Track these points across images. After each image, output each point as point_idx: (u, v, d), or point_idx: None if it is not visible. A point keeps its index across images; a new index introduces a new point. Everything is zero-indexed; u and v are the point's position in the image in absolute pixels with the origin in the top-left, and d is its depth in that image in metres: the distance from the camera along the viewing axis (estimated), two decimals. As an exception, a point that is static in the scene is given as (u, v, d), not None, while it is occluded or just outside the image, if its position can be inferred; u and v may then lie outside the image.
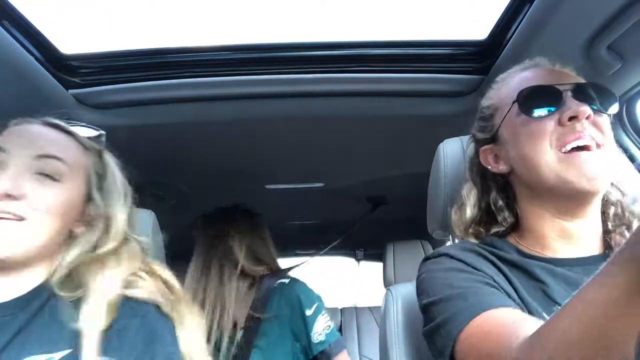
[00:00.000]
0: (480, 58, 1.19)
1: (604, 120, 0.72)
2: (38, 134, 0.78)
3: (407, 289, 0.96)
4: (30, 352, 0.68)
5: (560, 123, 0.70)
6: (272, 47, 1.20)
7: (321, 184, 1.88)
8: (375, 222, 2.31)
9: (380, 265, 2.44)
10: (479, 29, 1.16)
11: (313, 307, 1.49)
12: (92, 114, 1.23)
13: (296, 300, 1.49)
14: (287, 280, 1.56)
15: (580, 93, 0.72)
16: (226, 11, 1.26)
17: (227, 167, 1.68)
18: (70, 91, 1.18)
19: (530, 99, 0.74)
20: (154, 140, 1.41)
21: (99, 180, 0.85)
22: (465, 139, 0.97)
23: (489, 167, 0.81)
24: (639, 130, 1.16)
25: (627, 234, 0.72)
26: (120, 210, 0.87)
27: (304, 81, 1.19)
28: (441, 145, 0.99)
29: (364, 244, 2.95)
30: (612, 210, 0.76)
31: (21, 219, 0.70)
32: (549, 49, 0.97)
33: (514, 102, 0.75)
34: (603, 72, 0.99)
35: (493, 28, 1.11)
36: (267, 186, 1.88)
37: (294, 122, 1.34)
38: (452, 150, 0.96)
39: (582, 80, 0.76)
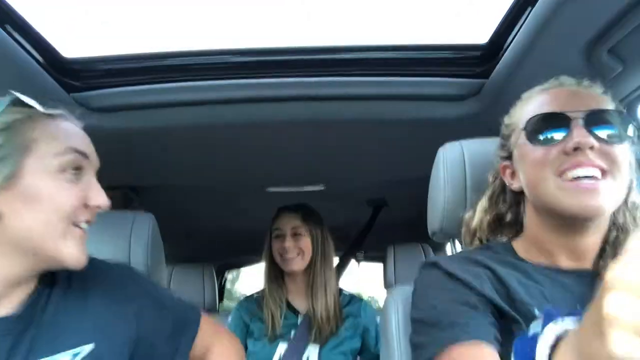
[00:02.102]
0: (481, 62, 1.19)
1: (615, 150, 0.71)
2: (87, 138, 0.77)
3: (407, 291, 0.96)
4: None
5: (564, 152, 0.71)
6: (273, 50, 1.20)
7: (322, 187, 1.88)
8: (376, 224, 2.31)
9: (380, 266, 2.45)
10: (480, 33, 1.17)
11: None
12: (93, 117, 1.23)
13: None
14: None
15: (593, 121, 0.72)
16: (228, 15, 1.26)
17: (228, 170, 1.68)
18: (72, 94, 1.18)
19: (538, 127, 0.75)
20: (154, 143, 1.41)
21: None
22: (466, 143, 0.98)
23: (507, 183, 0.84)
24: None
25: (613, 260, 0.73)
26: None
27: (305, 85, 1.19)
28: (441, 149, 0.99)
29: (365, 246, 2.95)
30: (613, 234, 0.77)
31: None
32: (550, 53, 0.98)
33: (522, 129, 0.77)
34: (604, 76, 0.99)
35: (494, 32, 1.11)
36: (268, 189, 1.88)
37: (294, 125, 1.34)
38: (452, 154, 0.96)
39: (601, 105, 0.74)
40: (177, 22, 1.29)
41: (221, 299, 3.56)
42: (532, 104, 0.80)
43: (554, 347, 0.47)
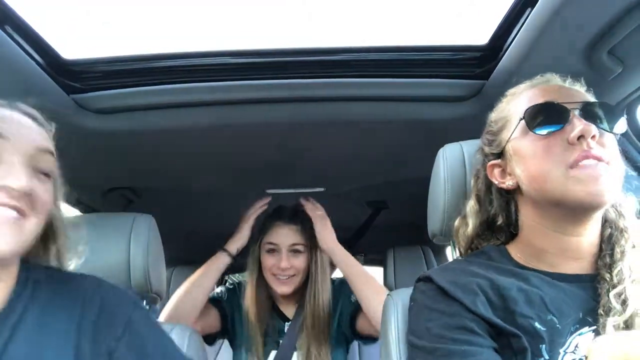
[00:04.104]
0: (481, 63, 1.19)
1: (611, 139, 0.73)
2: (29, 124, 0.72)
3: (407, 295, 0.96)
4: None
5: (568, 142, 0.71)
6: (273, 52, 1.20)
7: (322, 189, 1.88)
8: (376, 227, 2.31)
9: (380, 269, 2.44)
10: (479, 34, 1.17)
11: None
12: (93, 118, 1.23)
13: None
14: None
15: (588, 112, 0.73)
16: (228, 16, 1.27)
17: (228, 172, 1.68)
18: (72, 96, 1.18)
19: (537, 116, 0.75)
20: (154, 145, 1.41)
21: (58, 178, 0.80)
22: (466, 144, 0.97)
23: (495, 182, 0.82)
24: (640, 135, 1.16)
25: (610, 257, 0.73)
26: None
27: (304, 86, 1.19)
28: (441, 150, 0.99)
29: (364, 248, 2.95)
30: (607, 232, 0.76)
31: (24, 216, 0.67)
32: (550, 54, 0.98)
33: (520, 120, 0.76)
34: (604, 77, 0.99)
35: (494, 33, 1.11)
36: (268, 191, 1.87)
37: (294, 127, 1.34)
38: (452, 156, 0.96)
39: (590, 99, 0.77)
40: (178, 24, 1.29)
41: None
42: (523, 98, 0.79)
43: None
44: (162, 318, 1.40)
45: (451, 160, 0.96)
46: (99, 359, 0.69)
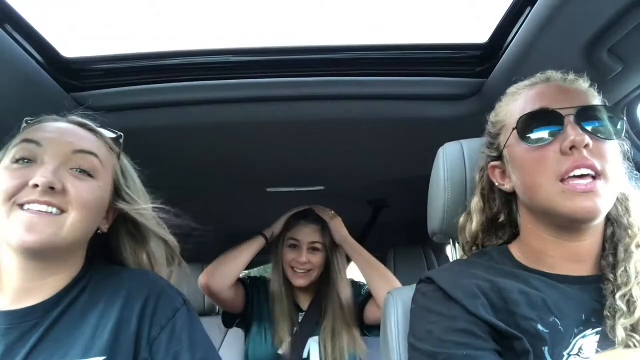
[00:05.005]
0: (481, 61, 1.19)
1: (607, 146, 0.70)
2: (70, 130, 0.80)
3: (407, 293, 0.95)
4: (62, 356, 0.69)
5: (560, 151, 0.70)
6: (272, 50, 1.20)
7: (321, 187, 1.88)
8: (377, 225, 2.31)
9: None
10: (479, 32, 1.16)
11: None
12: (92, 117, 1.23)
13: None
14: None
15: (584, 117, 0.71)
16: (227, 14, 1.26)
17: (228, 170, 1.68)
18: (72, 94, 1.18)
19: (529, 126, 0.73)
20: (154, 144, 1.41)
21: (124, 179, 0.87)
22: (466, 142, 0.97)
23: (496, 183, 0.82)
24: (640, 134, 1.16)
25: (614, 257, 0.72)
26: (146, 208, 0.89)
27: (304, 84, 1.19)
28: (441, 148, 0.98)
29: (365, 247, 2.94)
30: (610, 230, 0.75)
31: (62, 211, 0.72)
32: (550, 52, 0.97)
33: (514, 129, 0.75)
34: (603, 75, 0.99)
35: (494, 31, 1.11)
36: (268, 189, 1.87)
37: (294, 125, 1.34)
38: (452, 154, 0.96)
39: (590, 101, 0.74)
40: (177, 22, 1.29)
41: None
42: (520, 100, 0.78)
43: None
44: (202, 277, 1.56)
45: (451, 158, 0.95)
46: (141, 346, 0.73)
